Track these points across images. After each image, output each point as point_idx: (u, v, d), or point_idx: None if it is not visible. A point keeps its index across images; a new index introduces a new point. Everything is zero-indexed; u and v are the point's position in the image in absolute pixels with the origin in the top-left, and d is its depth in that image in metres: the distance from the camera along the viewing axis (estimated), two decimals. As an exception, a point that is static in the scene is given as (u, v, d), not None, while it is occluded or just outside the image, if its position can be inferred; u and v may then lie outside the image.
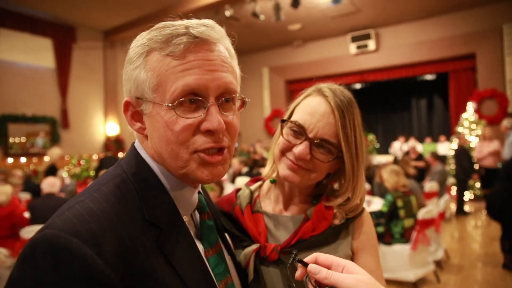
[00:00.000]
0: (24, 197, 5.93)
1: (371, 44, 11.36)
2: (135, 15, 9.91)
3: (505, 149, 7.28)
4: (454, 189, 8.62)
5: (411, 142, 9.94)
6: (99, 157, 10.31)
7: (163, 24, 0.71)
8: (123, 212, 0.64)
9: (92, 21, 10.40)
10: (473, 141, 9.01)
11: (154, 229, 0.67)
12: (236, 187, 1.21)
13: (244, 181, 6.03)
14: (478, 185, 8.82)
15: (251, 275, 0.98)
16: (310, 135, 0.95)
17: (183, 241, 0.72)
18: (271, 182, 1.14)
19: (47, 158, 9.75)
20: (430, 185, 6.73)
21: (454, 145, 9.00)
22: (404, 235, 4.03)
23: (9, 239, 4.11)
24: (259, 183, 1.18)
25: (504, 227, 4.64)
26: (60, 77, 10.14)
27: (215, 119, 0.68)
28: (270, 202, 1.11)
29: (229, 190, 3.98)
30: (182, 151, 0.69)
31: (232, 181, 7.53)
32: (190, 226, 0.79)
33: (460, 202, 7.85)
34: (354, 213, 1.03)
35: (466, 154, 7.88)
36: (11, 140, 9.24)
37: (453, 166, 8.67)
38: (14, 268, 0.56)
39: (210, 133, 0.69)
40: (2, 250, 3.82)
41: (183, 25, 0.70)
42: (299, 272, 0.70)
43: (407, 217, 4.03)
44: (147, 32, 0.73)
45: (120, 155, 10.67)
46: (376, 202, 4.81)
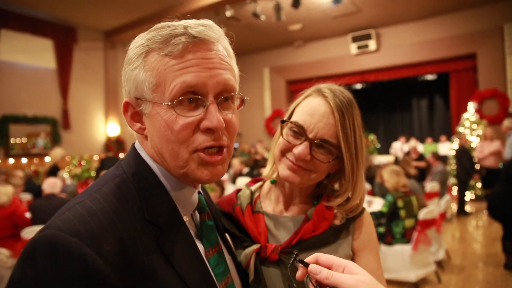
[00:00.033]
0: (25, 197, 5.94)
1: (371, 44, 11.35)
2: (135, 16, 9.93)
3: (506, 149, 7.27)
4: (455, 189, 8.62)
5: (412, 142, 9.93)
6: (100, 157, 10.32)
7: (162, 25, 0.72)
8: (123, 212, 0.65)
9: (93, 21, 10.42)
10: (474, 141, 9.00)
11: (154, 229, 0.68)
12: (236, 188, 1.21)
13: (244, 181, 6.03)
14: (479, 185, 8.81)
15: (251, 275, 0.98)
16: (310, 136, 0.96)
17: (183, 241, 0.72)
18: (271, 182, 1.14)
19: (47, 159, 9.79)
20: (431, 185, 6.72)
21: (455, 145, 8.99)
22: (405, 235, 4.02)
23: (11, 240, 4.11)
24: (259, 183, 1.18)
25: (505, 227, 4.63)
26: (61, 77, 10.16)
27: (214, 118, 0.68)
28: (271, 203, 1.11)
29: (230, 191, 3.98)
30: (182, 151, 0.69)
31: (233, 181, 7.53)
32: (190, 226, 0.79)
33: (461, 202, 7.84)
34: (354, 213, 1.03)
35: (467, 154, 7.87)
36: (12, 140, 9.25)
37: (454, 166, 8.67)
38: (15, 268, 0.56)
39: (210, 131, 0.70)
40: (3, 251, 3.82)
41: (181, 25, 0.70)
42: (300, 272, 0.70)
43: (407, 217, 4.03)
44: (145, 33, 0.73)
45: (121, 155, 10.69)
46: (377, 203, 4.81)
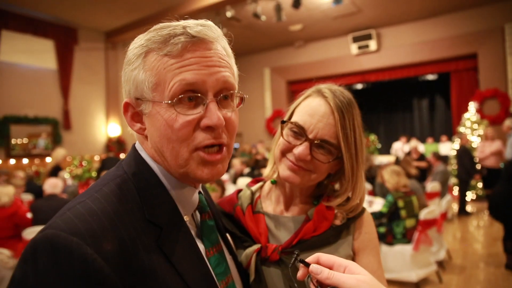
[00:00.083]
0: (26, 198, 5.94)
1: (372, 45, 11.35)
2: (136, 17, 9.94)
3: (507, 149, 7.26)
4: (456, 189, 8.61)
5: (412, 142, 9.92)
6: (100, 158, 10.33)
7: (161, 26, 0.72)
8: (124, 211, 0.65)
9: (94, 22, 10.43)
10: (475, 141, 8.99)
11: (155, 228, 0.68)
12: (237, 188, 1.21)
13: (245, 182, 6.04)
14: (480, 185, 8.80)
15: (252, 275, 0.98)
16: (310, 136, 0.96)
17: (184, 240, 0.73)
18: (272, 183, 1.14)
19: (48, 159, 9.80)
20: (432, 185, 6.72)
21: (456, 145, 8.98)
22: (406, 235, 4.02)
23: (12, 240, 4.12)
24: (260, 184, 1.18)
25: (506, 227, 4.62)
26: (62, 78, 10.17)
27: (214, 116, 0.69)
28: (271, 203, 1.12)
29: (230, 191, 3.98)
30: (183, 149, 0.70)
31: (234, 181, 7.53)
32: (191, 226, 0.79)
33: (462, 202, 7.83)
34: (354, 213, 1.03)
35: (468, 154, 7.86)
36: (13, 141, 9.26)
37: (455, 166, 8.66)
38: (16, 268, 0.56)
39: (210, 129, 0.70)
40: (5, 251, 3.83)
41: (180, 25, 0.70)
42: (301, 272, 0.70)
43: (408, 217, 4.03)
44: (144, 34, 0.73)
45: (121, 156, 10.70)
46: (378, 203, 4.81)
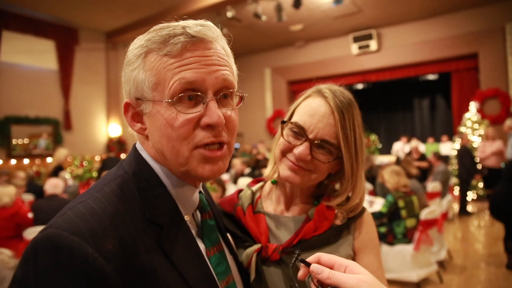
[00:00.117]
0: (27, 198, 5.95)
1: (373, 44, 11.34)
2: (137, 17, 9.94)
3: (508, 149, 7.26)
4: (456, 189, 8.60)
5: (413, 143, 9.90)
6: (101, 158, 10.34)
7: (160, 26, 0.73)
8: (125, 211, 0.65)
9: (94, 22, 10.44)
10: (475, 141, 8.98)
11: (155, 228, 0.68)
12: (238, 188, 1.22)
13: (246, 182, 6.03)
14: (481, 185, 8.79)
15: (252, 275, 0.98)
16: (310, 136, 0.96)
17: (184, 240, 0.73)
18: (272, 183, 1.14)
19: (49, 160, 9.81)
20: (432, 185, 6.71)
21: (457, 145, 8.97)
22: (407, 235, 4.02)
23: (13, 240, 4.13)
24: (260, 184, 1.19)
25: (507, 227, 4.62)
26: (63, 78, 10.18)
27: (214, 114, 0.69)
28: (272, 203, 1.12)
29: (231, 191, 3.98)
30: (183, 148, 0.70)
31: (234, 182, 7.53)
32: (192, 226, 0.79)
33: (463, 202, 7.82)
34: (354, 213, 1.04)
35: (468, 154, 7.85)
36: (14, 141, 9.27)
37: (455, 166, 8.65)
38: (18, 268, 0.57)
39: (210, 127, 0.70)
40: (6, 251, 3.83)
41: (180, 25, 0.71)
42: (301, 272, 0.70)
43: (409, 217, 4.02)
44: (144, 34, 0.74)
45: (122, 156, 10.70)
46: (378, 203, 4.80)
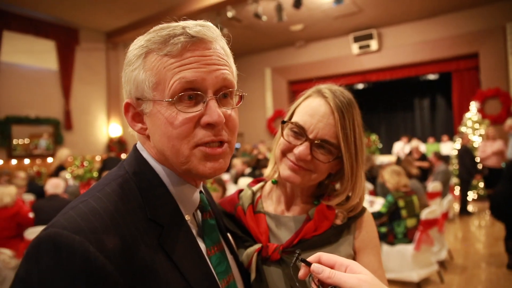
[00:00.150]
0: (28, 198, 5.96)
1: (373, 44, 11.34)
2: (137, 17, 9.95)
3: (508, 149, 7.25)
4: (457, 189, 8.59)
5: (414, 142, 9.89)
6: (102, 158, 10.35)
7: (160, 27, 0.73)
8: (126, 211, 0.66)
9: (95, 23, 10.45)
10: (476, 141, 8.97)
11: (156, 227, 0.69)
12: (238, 188, 1.22)
13: (246, 182, 6.03)
14: (481, 185, 8.79)
15: (253, 275, 0.98)
16: (310, 136, 0.96)
17: (185, 239, 0.73)
18: (273, 183, 1.14)
19: (50, 160, 9.81)
20: (433, 185, 6.70)
21: (457, 145, 8.97)
22: (407, 235, 4.02)
23: (14, 240, 4.13)
24: (261, 184, 1.19)
25: (508, 227, 4.62)
26: (63, 78, 10.19)
27: (214, 113, 0.70)
28: (272, 203, 1.12)
29: (232, 191, 3.98)
30: (183, 146, 0.70)
31: (235, 182, 7.53)
32: (192, 225, 0.80)
33: (464, 202, 7.81)
34: (354, 212, 1.04)
35: (469, 154, 7.84)
36: (14, 141, 9.28)
37: (456, 166, 8.64)
38: (20, 266, 0.57)
39: (210, 126, 0.71)
40: (6, 251, 3.84)
41: (180, 26, 0.71)
42: (302, 272, 0.70)
43: (409, 217, 4.02)
44: (144, 35, 0.74)
45: (123, 156, 10.71)
46: (379, 203, 4.80)
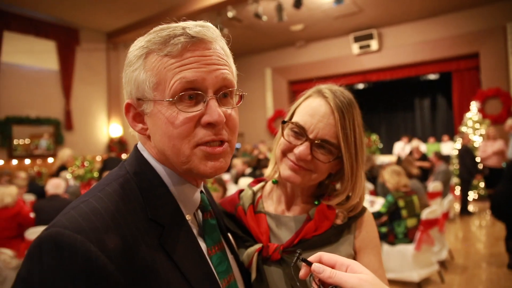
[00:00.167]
0: (28, 198, 5.97)
1: (373, 44, 11.33)
2: (137, 17, 9.95)
3: (509, 149, 7.25)
4: (458, 189, 8.59)
5: (414, 142, 9.89)
6: (102, 158, 10.35)
7: (160, 27, 0.74)
8: (126, 211, 0.66)
9: (95, 23, 10.45)
10: (477, 141, 8.97)
11: (157, 227, 0.69)
12: (239, 188, 1.22)
13: (247, 182, 6.03)
14: (482, 184, 8.78)
15: (253, 275, 0.98)
16: (310, 136, 0.96)
17: (186, 239, 0.74)
18: (273, 182, 1.15)
19: (51, 160, 9.82)
20: (433, 185, 6.70)
21: (458, 144, 8.96)
22: (408, 235, 4.02)
23: (15, 240, 4.14)
24: (261, 184, 1.19)
25: (508, 227, 4.61)
26: (64, 79, 10.20)
27: (215, 112, 0.70)
28: (273, 203, 1.12)
29: (232, 191, 3.98)
30: (184, 146, 0.71)
31: (235, 182, 7.53)
32: (193, 225, 0.80)
33: (464, 202, 7.81)
34: (355, 212, 1.04)
35: (469, 153, 7.84)
36: (15, 142, 9.29)
37: (456, 166, 8.64)
38: (22, 266, 0.57)
39: (211, 126, 0.71)
40: (7, 251, 3.84)
41: (180, 26, 0.72)
42: (303, 271, 0.70)
43: (409, 217, 4.02)
44: (145, 36, 0.75)
45: (123, 156, 10.71)
46: (379, 203, 4.80)
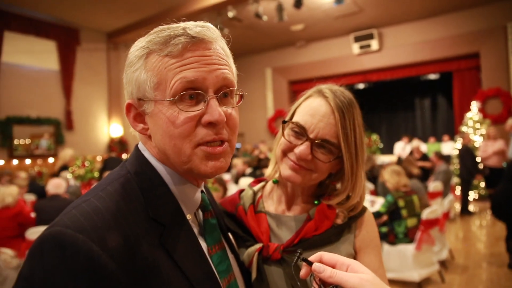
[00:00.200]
0: (29, 198, 5.97)
1: (374, 44, 11.33)
2: (138, 17, 9.95)
3: (510, 149, 7.24)
4: (458, 188, 8.58)
5: (414, 142, 9.88)
6: (103, 158, 10.35)
7: (161, 28, 0.74)
8: (128, 210, 0.66)
9: (96, 23, 10.46)
10: (477, 141, 8.97)
11: (158, 226, 0.69)
12: (239, 188, 1.22)
13: (247, 182, 6.04)
14: (482, 184, 8.77)
15: (254, 274, 0.99)
16: (311, 136, 0.97)
17: (186, 238, 0.74)
18: (273, 182, 1.15)
19: (51, 160, 9.82)
20: (434, 185, 6.70)
21: (458, 144, 8.95)
22: (408, 235, 4.02)
23: (15, 240, 4.14)
24: (262, 183, 1.19)
25: (509, 227, 4.61)
26: (64, 79, 10.20)
27: (215, 112, 0.70)
28: (273, 202, 1.12)
29: (232, 191, 3.98)
30: (185, 146, 0.71)
31: (236, 182, 7.53)
32: (194, 224, 0.80)
33: (465, 202, 7.81)
34: (355, 212, 1.04)
35: (470, 153, 7.83)
36: (15, 142, 9.29)
37: (457, 166, 8.63)
38: (24, 265, 0.58)
39: (212, 125, 0.71)
40: (8, 251, 3.84)
41: (180, 27, 0.72)
42: (303, 271, 0.70)
43: (409, 216, 4.02)
44: (145, 36, 0.75)
45: (123, 156, 10.72)
46: (380, 202, 4.80)
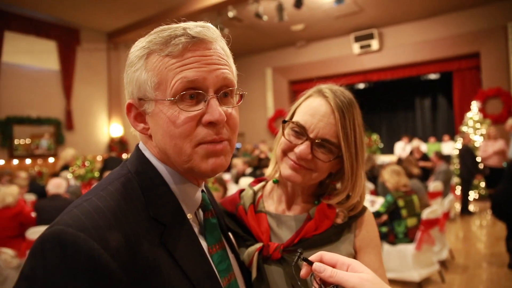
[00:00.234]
0: (29, 198, 5.97)
1: (374, 44, 11.33)
2: (138, 17, 9.96)
3: (510, 149, 7.24)
4: (458, 188, 8.58)
5: (415, 142, 9.88)
6: (103, 158, 10.35)
7: (161, 28, 0.75)
8: (128, 209, 0.67)
9: (96, 23, 10.46)
10: (477, 141, 8.96)
11: (159, 226, 0.70)
12: (240, 188, 1.22)
13: (247, 181, 6.04)
14: (483, 184, 8.77)
15: (254, 274, 0.99)
16: (311, 135, 0.97)
17: (187, 238, 0.74)
18: (274, 182, 1.15)
19: (51, 160, 9.82)
20: (434, 185, 6.70)
21: (459, 144, 8.96)
22: (408, 235, 4.02)
23: (16, 239, 4.15)
24: (262, 183, 1.19)
25: (509, 226, 4.61)
26: (65, 79, 10.21)
27: (216, 111, 0.71)
28: (273, 202, 1.12)
29: (233, 191, 3.98)
30: (186, 145, 0.71)
31: (236, 181, 7.54)
32: (194, 224, 0.81)
33: (465, 202, 7.81)
34: (355, 211, 1.04)
35: (470, 153, 7.83)
36: (16, 141, 9.30)
37: (457, 166, 8.63)
38: (25, 264, 0.58)
39: (212, 125, 0.72)
40: (8, 251, 3.84)
41: (180, 27, 0.73)
42: (304, 271, 0.70)
43: (409, 216, 4.02)
44: (146, 36, 0.76)
45: (124, 156, 10.72)
46: (380, 202, 4.80)
